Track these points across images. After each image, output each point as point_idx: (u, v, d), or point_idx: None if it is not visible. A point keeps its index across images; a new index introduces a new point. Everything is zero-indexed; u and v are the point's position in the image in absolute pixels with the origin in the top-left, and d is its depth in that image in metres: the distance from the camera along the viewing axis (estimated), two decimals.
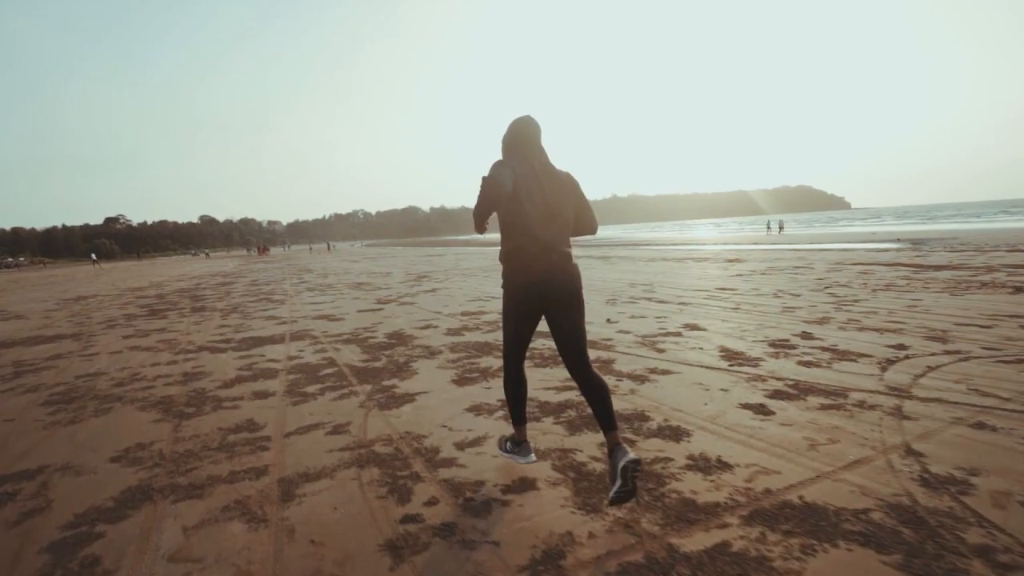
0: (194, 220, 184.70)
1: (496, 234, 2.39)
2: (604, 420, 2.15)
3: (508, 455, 2.49)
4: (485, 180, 2.08)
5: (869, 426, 2.72)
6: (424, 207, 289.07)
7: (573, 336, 2.22)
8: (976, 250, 13.42)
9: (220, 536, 2.04)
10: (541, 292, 2.19)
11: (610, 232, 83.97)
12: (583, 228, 2.38)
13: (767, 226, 43.63)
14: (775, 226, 41.52)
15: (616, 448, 2.04)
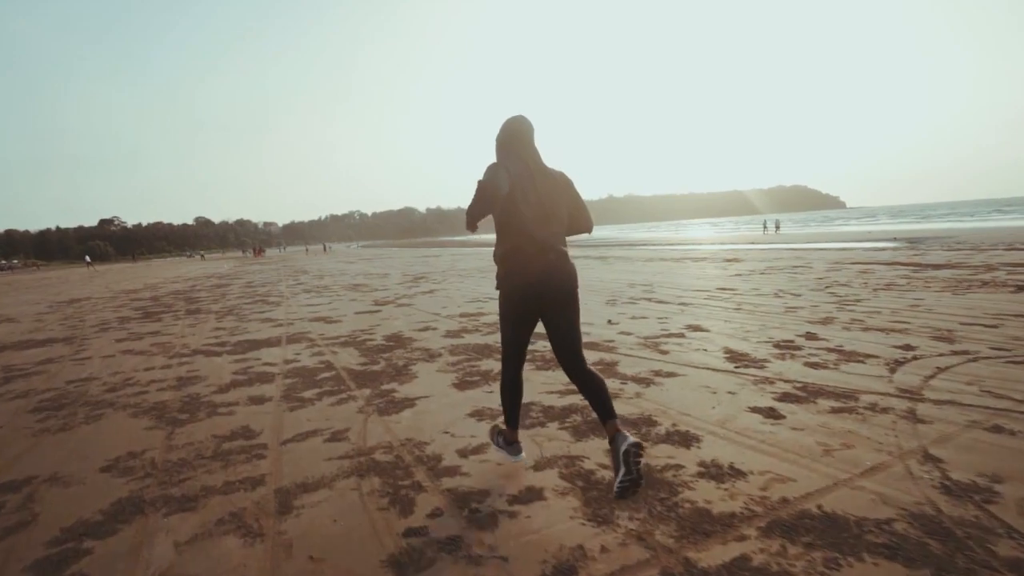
0: (189, 222, 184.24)
1: (490, 234, 2.36)
2: (602, 411, 2.15)
3: (498, 449, 2.53)
4: (481, 183, 2.08)
5: (883, 430, 2.64)
6: (420, 208, 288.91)
7: (570, 335, 2.21)
8: (973, 248, 13.41)
9: (214, 552, 1.95)
10: (538, 292, 2.16)
11: (606, 232, 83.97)
12: (578, 227, 2.36)
13: (763, 226, 43.68)
14: (771, 226, 41.57)
15: (616, 435, 2.04)
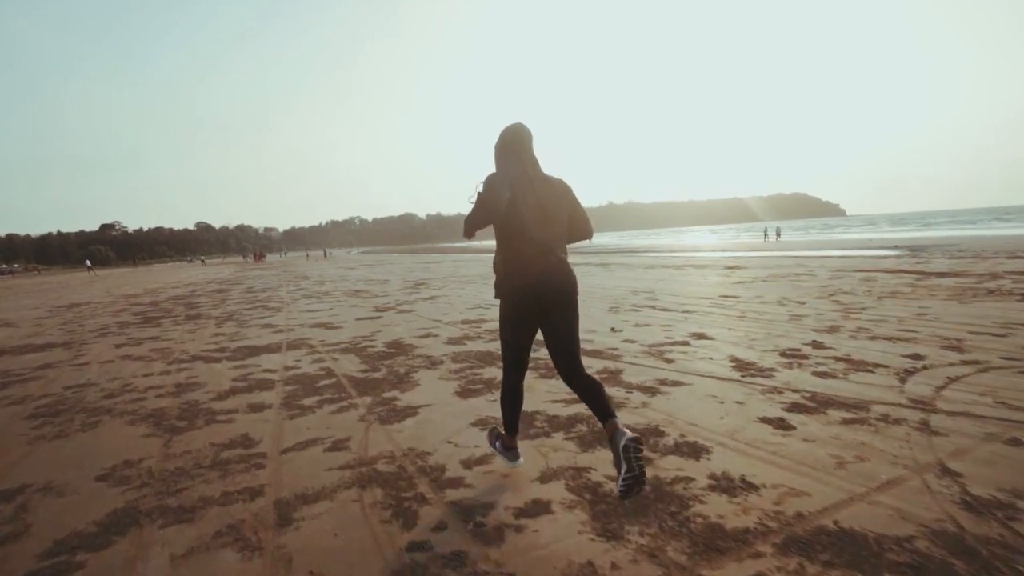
0: (190, 227, 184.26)
1: (490, 240, 2.36)
2: (602, 412, 2.13)
3: (496, 452, 2.55)
4: (481, 194, 2.12)
5: (897, 442, 2.58)
6: (420, 214, 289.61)
7: (568, 338, 2.21)
8: (976, 257, 13.36)
9: (211, 566, 1.88)
10: (538, 294, 2.16)
11: (607, 239, 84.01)
12: (578, 233, 2.35)
13: (764, 233, 43.66)
14: (772, 233, 41.54)
15: (615, 433, 2.02)
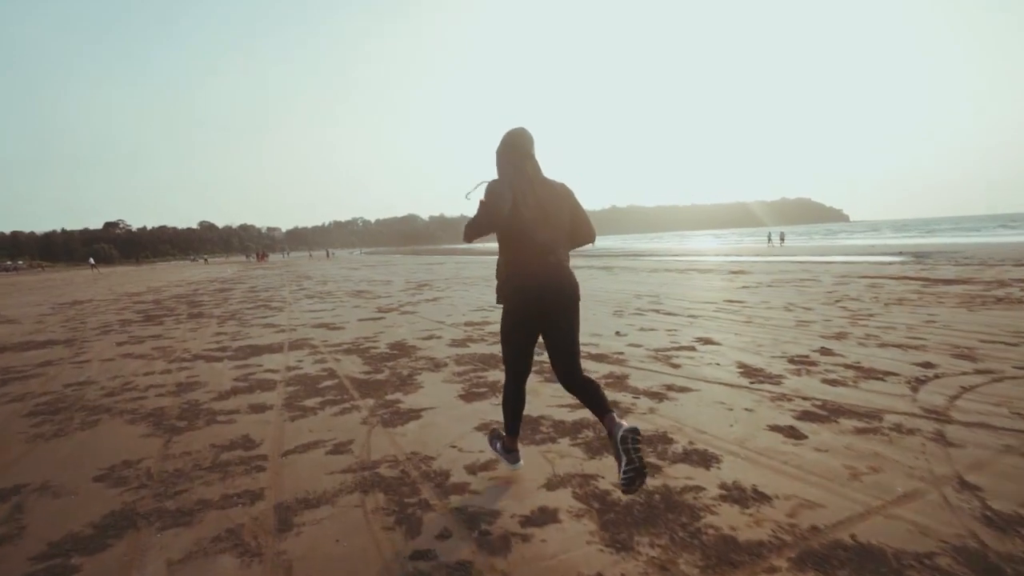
0: (194, 226, 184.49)
1: (491, 243, 2.36)
2: (599, 408, 2.14)
3: (497, 454, 2.54)
4: (483, 202, 2.12)
5: (912, 454, 2.52)
6: (423, 215, 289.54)
7: (568, 340, 2.22)
8: (982, 264, 13.27)
9: (209, 572, 1.83)
10: (539, 297, 2.17)
11: (609, 242, 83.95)
12: (581, 237, 2.36)
13: (768, 238, 43.54)
14: (776, 238, 41.41)
15: (613, 426, 2.02)
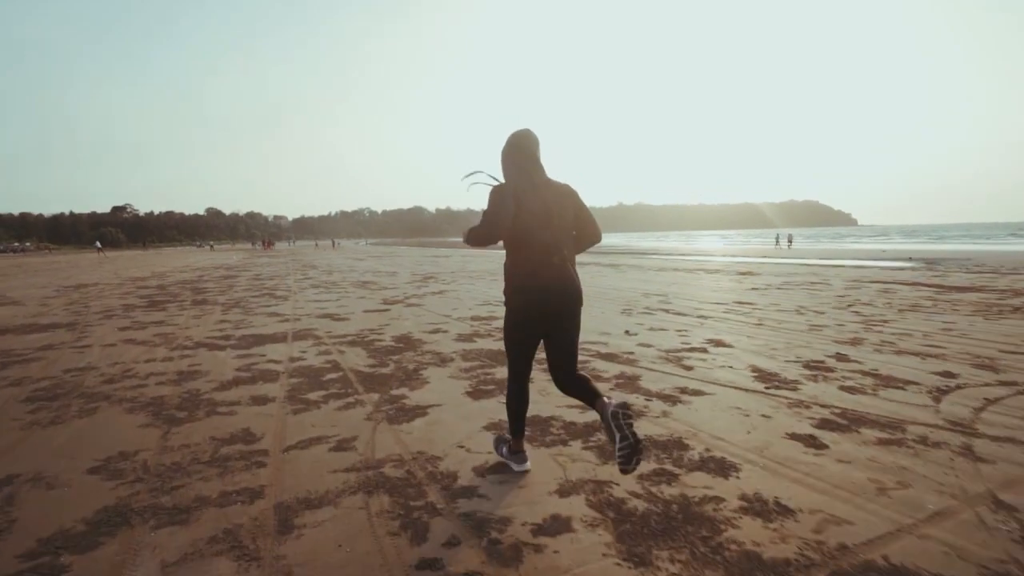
0: (200, 212, 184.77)
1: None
2: (591, 397, 2.19)
3: (503, 458, 2.50)
4: (487, 213, 2.14)
5: (940, 468, 2.41)
6: (430, 208, 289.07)
7: (569, 339, 2.26)
8: (994, 272, 13.08)
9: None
10: (543, 296, 2.19)
11: (616, 240, 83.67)
12: (587, 237, 2.37)
13: (775, 240, 43.21)
14: (784, 240, 41.08)
15: (604, 407, 2.06)
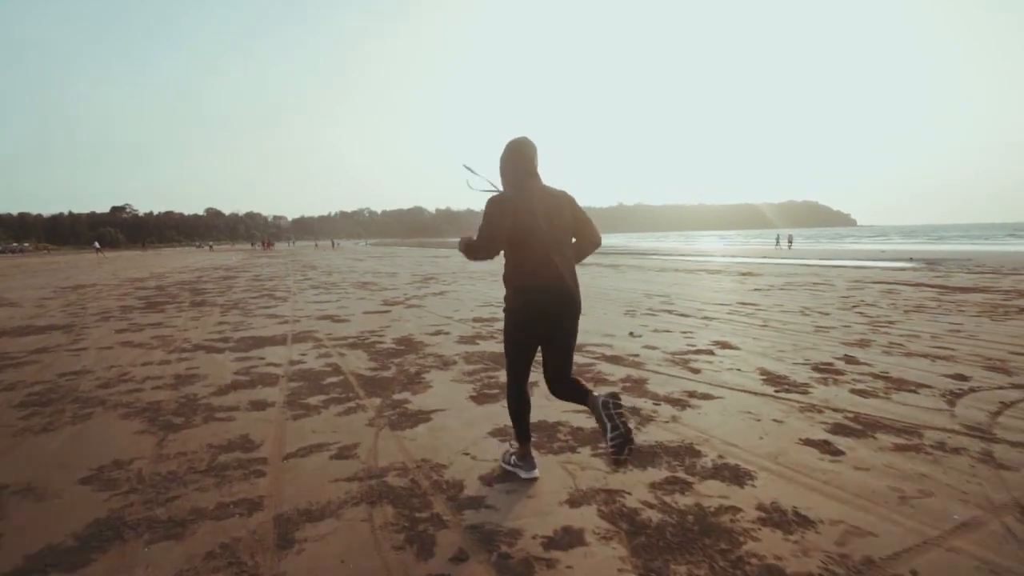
0: (200, 212, 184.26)
1: None
2: (582, 394, 2.22)
3: (512, 468, 2.45)
4: (484, 228, 2.13)
5: (962, 476, 2.33)
6: (430, 208, 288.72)
7: (566, 343, 2.27)
8: (995, 272, 13.02)
9: None
10: (542, 298, 2.19)
11: (616, 240, 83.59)
12: (587, 239, 2.38)
13: (776, 240, 43.14)
14: (784, 241, 41.01)
15: (595, 401, 2.10)
